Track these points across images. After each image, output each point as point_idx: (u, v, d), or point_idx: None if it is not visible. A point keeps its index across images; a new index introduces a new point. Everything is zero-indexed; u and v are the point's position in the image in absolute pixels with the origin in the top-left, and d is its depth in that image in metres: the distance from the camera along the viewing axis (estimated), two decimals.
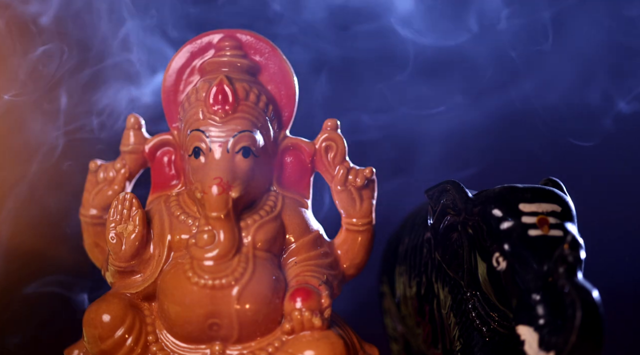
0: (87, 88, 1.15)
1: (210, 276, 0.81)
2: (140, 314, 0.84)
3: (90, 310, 0.83)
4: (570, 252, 0.73)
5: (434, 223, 0.86)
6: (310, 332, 0.81)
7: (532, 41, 1.27)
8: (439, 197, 0.85)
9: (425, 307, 0.90)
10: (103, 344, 0.83)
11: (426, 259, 0.90)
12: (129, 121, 0.91)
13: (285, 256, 0.86)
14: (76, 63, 1.13)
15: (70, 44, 1.12)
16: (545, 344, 0.72)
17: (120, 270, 0.85)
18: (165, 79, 0.90)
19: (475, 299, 0.82)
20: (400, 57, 1.26)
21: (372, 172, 0.89)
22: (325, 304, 0.82)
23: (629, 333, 1.20)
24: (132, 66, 1.13)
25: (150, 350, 0.83)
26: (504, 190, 0.79)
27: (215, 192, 0.81)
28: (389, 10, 1.25)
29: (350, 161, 0.89)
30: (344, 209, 0.89)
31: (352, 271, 0.89)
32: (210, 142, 0.83)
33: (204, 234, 0.82)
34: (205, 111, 0.84)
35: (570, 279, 0.72)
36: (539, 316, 0.73)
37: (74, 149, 1.12)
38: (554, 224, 0.76)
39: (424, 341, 0.92)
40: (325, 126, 0.89)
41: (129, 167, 0.90)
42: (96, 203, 0.91)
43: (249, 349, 0.83)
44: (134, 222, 0.84)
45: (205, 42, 0.90)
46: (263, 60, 0.90)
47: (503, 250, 0.76)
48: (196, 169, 0.84)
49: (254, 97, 0.86)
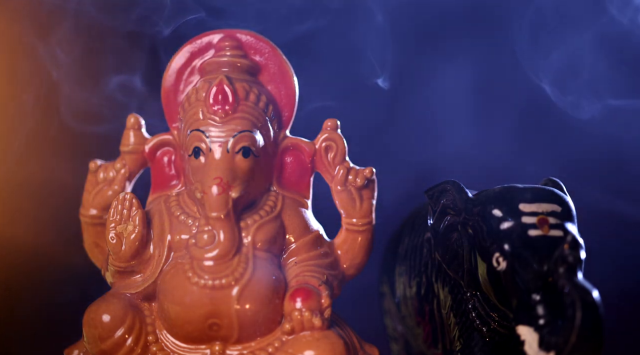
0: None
1: (210, 276, 0.81)
2: (140, 314, 0.84)
3: (90, 310, 0.83)
4: (570, 252, 0.73)
5: (434, 223, 0.85)
6: (310, 332, 0.81)
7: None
8: (439, 197, 0.84)
9: (425, 307, 0.90)
10: (103, 344, 0.83)
11: (426, 259, 0.90)
12: (129, 121, 0.91)
13: (285, 256, 0.86)
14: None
15: None
16: (545, 344, 0.72)
17: (120, 270, 0.85)
18: (165, 79, 0.90)
19: (475, 299, 0.82)
20: None
21: (372, 172, 0.89)
22: (325, 304, 0.82)
23: (629, 333, 1.20)
24: None
25: (150, 350, 0.83)
26: (504, 190, 0.79)
27: (215, 192, 0.81)
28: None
29: (350, 161, 0.89)
30: (344, 209, 0.89)
31: (352, 271, 0.89)
32: (210, 142, 0.83)
33: (204, 234, 0.82)
34: (205, 111, 0.84)
35: (571, 279, 0.72)
36: (539, 316, 0.73)
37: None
38: (554, 224, 0.76)
39: (424, 341, 0.92)
40: (325, 126, 0.89)
41: (129, 167, 0.90)
42: (96, 203, 0.91)
43: (249, 349, 0.83)
44: (133, 222, 0.84)
45: (205, 42, 0.90)
46: (263, 60, 0.90)
47: (503, 250, 0.76)
48: (196, 169, 0.84)
49: (254, 97, 0.86)
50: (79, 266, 1.03)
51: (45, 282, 1.26)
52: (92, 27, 1.20)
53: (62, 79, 1.19)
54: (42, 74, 1.20)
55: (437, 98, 1.37)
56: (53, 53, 1.18)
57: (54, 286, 1.24)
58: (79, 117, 1.20)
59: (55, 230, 1.24)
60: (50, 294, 1.25)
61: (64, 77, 1.19)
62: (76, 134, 1.21)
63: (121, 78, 1.19)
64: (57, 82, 1.19)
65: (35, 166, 1.27)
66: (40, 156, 1.27)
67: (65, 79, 1.19)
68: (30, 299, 1.26)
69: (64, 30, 1.18)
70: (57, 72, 1.19)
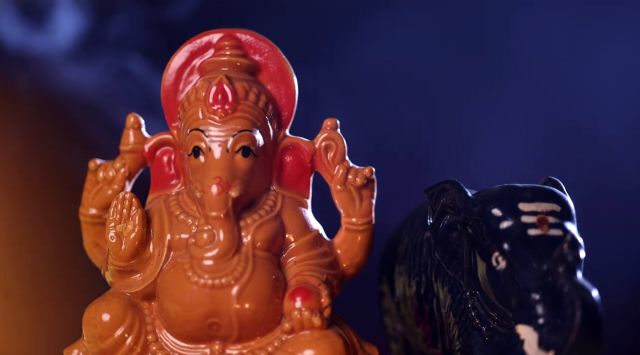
0: None
1: (210, 276, 0.81)
2: (139, 313, 0.84)
3: (90, 309, 0.83)
4: (569, 252, 0.73)
5: (433, 222, 0.85)
6: (309, 332, 0.81)
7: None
8: (439, 197, 0.84)
9: (425, 306, 0.90)
10: (103, 343, 0.83)
11: (426, 258, 0.90)
12: (129, 120, 0.91)
13: (285, 256, 0.86)
14: None
15: None
16: (544, 343, 0.72)
17: (119, 269, 0.85)
18: (165, 79, 0.90)
19: (475, 299, 0.82)
20: None
21: (372, 172, 0.89)
22: (325, 304, 0.82)
23: (628, 333, 1.20)
24: None
25: (149, 349, 0.83)
26: (503, 189, 0.79)
27: (214, 191, 0.81)
28: None
29: (350, 160, 0.89)
30: (344, 208, 0.88)
31: (351, 271, 0.89)
32: (210, 141, 0.83)
33: (203, 234, 0.82)
34: (204, 111, 0.84)
35: (570, 278, 0.72)
36: (539, 315, 0.73)
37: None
38: (554, 223, 0.76)
39: (424, 340, 0.92)
40: (325, 125, 0.89)
41: (128, 167, 0.90)
42: (96, 202, 0.91)
43: (249, 348, 0.83)
44: (133, 221, 0.84)
45: (204, 42, 0.90)
46: (263, 60, 0.90)
47: (502, 250, 0.76)
48: (196, 168, 0.84)
49: (254, 96, 0.86)
50: (78, 266, 1.03)
51: (46, 282, 1.26)
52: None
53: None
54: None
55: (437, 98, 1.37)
56: None
57: (54, 286, 1.24)
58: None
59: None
60: (51, 294, 1.25)
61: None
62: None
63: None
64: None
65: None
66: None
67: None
68: (30, 299, 1.26)
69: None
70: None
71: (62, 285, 1.27)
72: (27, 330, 1.24)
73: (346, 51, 1.36)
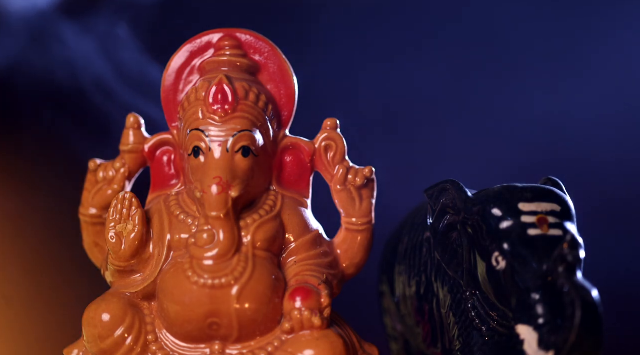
0: None
1: (210, 275, 0.81)
2: (139, 313, 0.84)
3: (90, 309, 0.83)
4: (569, 252, 0.73)
5: (433, 222, 0.85)
6: (309, 332, 0.81)
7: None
8: (439, 197, 0.84)
9: (425, 306, 0.90)
10: (103, 344, 0.83)
11: (426, 258, 0.90)
12: (129, 120, 0.91)
13: (285, 256, 0.86)
14: None
15: None
16: (544, 343, 0.72)
17: (119, 269, 0.85)
18: (165, 79, 0.90)
19: (475, 299, 0.82)
20: None
21: (372, 172, 0.89)
22: (325, 304, 0.82)
23: (628, 333, 1.20)
24: None
25: (149, 349, 0.83)
26: (503, 189, 0.79)
27: (214, 191, 0.81)
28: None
29: (350, 160, 0.89)
30: (344, 208, 0.88)
31: (351, 271, 0.89)
32: (210, 141, 0.83)
33: (203, 234, 0.82)
34: (204, 111, 0.84)
35: (570, 278, 0.72)
36: (539, 315, 0.73)
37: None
38: (554, 223, 0.76)
39: (424, 340, 0.92)
40: (325, 125, 0.89)
41: (128, 167, 0.90)
42: (96, 202, 0.91)
43: (249, 348, 0.83)
44: (133, 221, 0.84)
45: (204, 42, 0.90)
46: (262, 60, 0.90)
47: (502, 250, 0.76)
48: (196, 168, 0.84)
49: (254, 96, 0.86)
50: (78, 266, 1.03)
51: (46, 282, 1.26)
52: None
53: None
54: None
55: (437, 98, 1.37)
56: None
57: (53, 286, 1.24)
58: None
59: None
60: (50, 293, 1.25)
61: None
62: None
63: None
64: None
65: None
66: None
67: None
68: (30, 299, 1.26)
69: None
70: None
71: (62, 285, 1.27)
72: (27, 330, 1.24)
73: (346, 51, 1.36)
